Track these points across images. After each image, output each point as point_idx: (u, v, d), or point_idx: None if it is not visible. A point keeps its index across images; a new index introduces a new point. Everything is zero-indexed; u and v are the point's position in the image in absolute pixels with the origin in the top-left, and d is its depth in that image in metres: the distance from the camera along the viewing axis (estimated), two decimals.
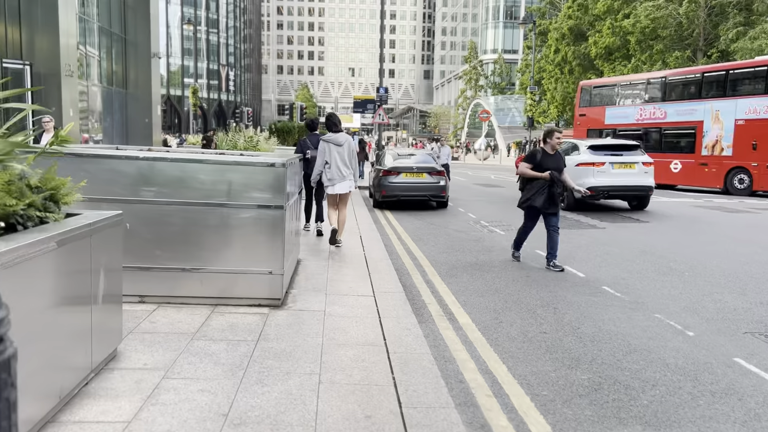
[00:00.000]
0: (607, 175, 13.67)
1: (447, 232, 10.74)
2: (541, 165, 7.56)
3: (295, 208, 6.60)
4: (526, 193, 7.72)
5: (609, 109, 24.86)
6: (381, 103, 22.32)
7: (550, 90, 47.80)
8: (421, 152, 16.36)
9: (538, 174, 7.53)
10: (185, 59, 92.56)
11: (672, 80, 23.25)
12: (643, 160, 14.12)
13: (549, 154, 7.69)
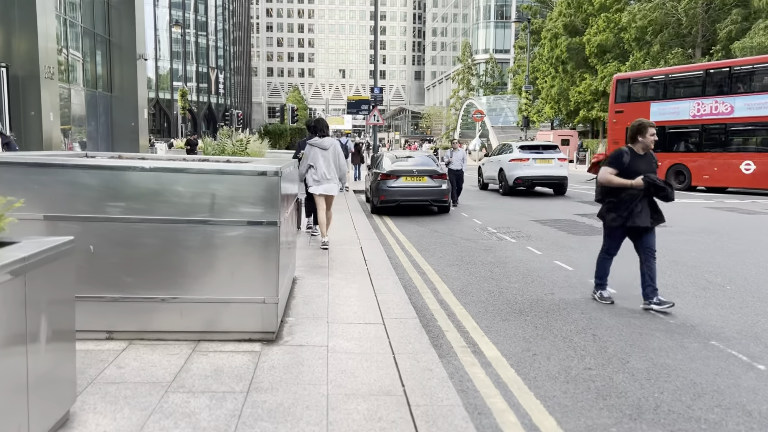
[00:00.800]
0: (531, 168, 17.79)
1: (453, 241, 9.95)
2: (631, 169, 5.74)
3: (291, 220, 5.79)
4: (617, 209, 5.83)
5: (655, 105, 21.92)
6: (376, 103, 21.52)
7: (544, 89, 47.22)
8: (420, 154, 15.55)
9: (627, 182, 5.72)
10: (174, 62, 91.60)
11: (741, 70, 20.18)
12: (558, 156, 18.43)
13: (639, 155, 5.85)
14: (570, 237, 10.23)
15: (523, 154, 17.99)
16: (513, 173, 17.65)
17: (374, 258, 7.83)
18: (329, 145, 8.53)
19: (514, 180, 17.69)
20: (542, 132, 48.05)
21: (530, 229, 11.12)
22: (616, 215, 5.85)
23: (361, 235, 9.76)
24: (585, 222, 12.08)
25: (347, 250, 8.35)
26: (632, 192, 5.74)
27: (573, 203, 15.83)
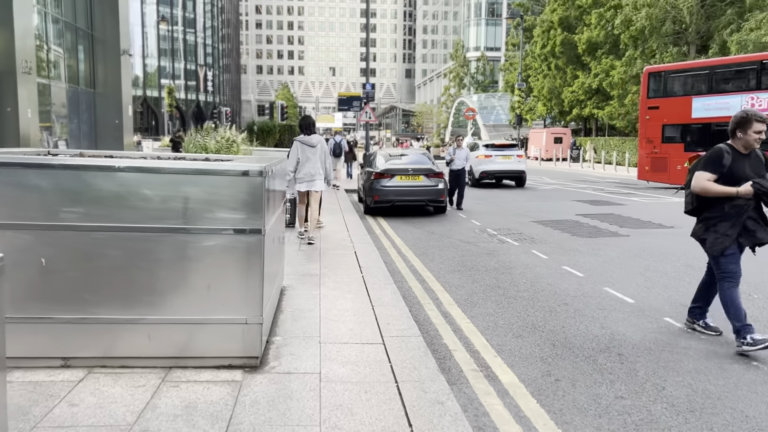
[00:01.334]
0: (494, 164, 20.17)
1: (453, 244, 9.38)
2: (733, 173, 4.54)
3: (279, 225, 5.20)
4: (721, 226, 4.59)
5: (699, 100, 19.77)
6: (367, 100, 20.92)
7: (537, 86, 46.78)
8: (414, 152, 14.95)
9: (731, 190, 4.50)
10: (162, 60, 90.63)
11: None
12: (517, 153, 20.97)
13: (742, 155, 4.63)
14: (575, 239, 9.70)
15: (488, 151, 20.58)
16: (479, 168, 19.99)
17: (370, 264, 7.24)
18: (316, 143, 8.76)
19: (480, 173, 20.00)
20: (535, 130, 47.63)
21: (532, 231, 10.58)
22: (720, 235, 4.58)
23: (354, 239, 9.17)
24: (588, 223, 11.55)
25: (340, 255, 7.76)
26: (739, 203, 4.51)
27: (572, 203, 15.32)
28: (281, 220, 5.67)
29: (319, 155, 8.73)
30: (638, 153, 22.64)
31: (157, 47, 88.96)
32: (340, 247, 8.33)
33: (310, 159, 8.64)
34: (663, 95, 21.24)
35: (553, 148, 42.47)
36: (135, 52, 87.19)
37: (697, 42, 33.30)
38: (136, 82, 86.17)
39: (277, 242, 5.10)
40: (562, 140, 43.78)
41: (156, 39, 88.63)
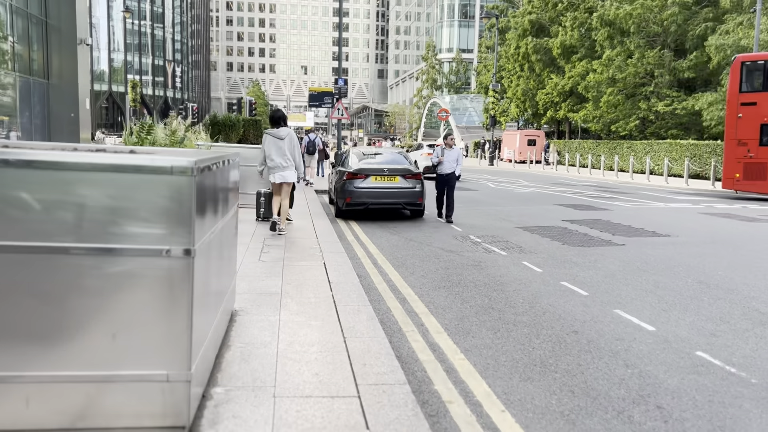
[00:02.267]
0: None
1: (434, 253, 8.38)
2: None
3: (226, 235, 4.14)
4: None
5: None
6: (340, 96, 19.83)
7: (510, 88, 46.23)
8: (390, 151, 13.90)
9: None
10: (129, 54, 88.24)
11: None
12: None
13: None
14: (567, 249, 8.79)
15: (429, 150, 23.51)
16: (421, 164, 19.45)
17: (341, 279, 6.20)
18: (285, 135, 8.93)
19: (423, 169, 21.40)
20: (508, 132, 47.08)
21: (519, 239, 9.65)
22: None
23: (324, 247, 8.11)
24: (577, 230, 10.68)
25: (307, 267, 6.69)
26: None
27: (555, 208, 14.49)
28: (232, 225, 4.60)
29: (288, 147, 8.91)
30: (725, 157, 19.42)
31: (124, 41, 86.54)
32: (308, 257, 7.26)
33: (279, 151, 8.88)
34: (762, 89, 18.08)
35: (526, 150, 41.94)
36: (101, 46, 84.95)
37: (671, 45, 33.04)
38: (102, 77, 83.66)
39: (224, 258, 4.03)
40: (536, 142, 43.29)
41: (123, 33, 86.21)
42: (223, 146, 12.24)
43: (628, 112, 33.67)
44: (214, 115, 12.79)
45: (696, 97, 29.56)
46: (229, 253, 4.58)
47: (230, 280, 4.64)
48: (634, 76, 32.46)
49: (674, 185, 23.51)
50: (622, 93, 33.51)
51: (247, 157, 12.39)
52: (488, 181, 25.00)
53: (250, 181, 12.33)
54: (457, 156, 11.98)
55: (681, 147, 28.23)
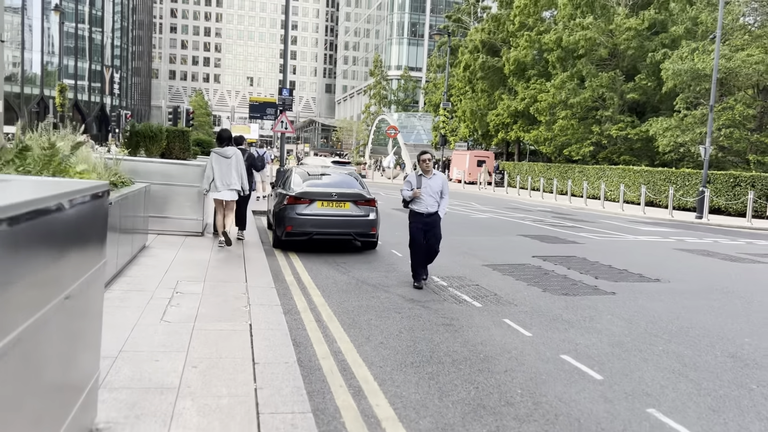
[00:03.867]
0: None
1: (393, 302, 6.73)
2: None
3: (75, 322, 2.39)
4: None
5: None
6: (284, 107, 18.05)
7: (460, 107, 45.40)
8: (338, 171, 12.17)
9: None
10: (65, 58, 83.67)
11: None
12: None
13: None
14: (551, 299, 7.31)
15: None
16: None
17: (271, 355, 4.46)
18: (231, 154, 9.26)
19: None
20: (458, 152, 46.19)
21: (491, 282, 8.13)
22: None
23: (254, 294, 6.34)
24: (554, 270, 9.26)
25: (227, 333, 4.92)
26: None
27: (521, 240, 13.13)
28: (93, 293, 2.86)
29: (234, 166, 9.27)
30: None
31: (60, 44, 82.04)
32: (229, 314, 5.49)
33: (225, 169, 9.21)
34: None
35: (476, 171, 41.05)
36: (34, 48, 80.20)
37: (624, 69, 32.80)
38: (33, 80, 78.83)
39: (65, 352, 2.26)
40: (485, 163, 42.52)
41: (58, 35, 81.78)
42: (139, 161, 10.30)
43: (581, 136, 33.16)
44: (132, 123, 10.81)
45: (650, 122, 29.20)
46: (83, 342, 2.83)
47: (85, 377, 2.86)
48: (587, 99, 32.00)
49: (630, 213, 22.76)
50: (575, 117, 32.99)
51: (171, 174, 10.49)
52: None
53: (173, 203, 10.42)
54: (441, 186, 7.73)
55: (635, 173, 27.72)
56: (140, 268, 7.30)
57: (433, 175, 7.78)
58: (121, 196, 6.83)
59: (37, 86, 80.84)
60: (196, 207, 10.56)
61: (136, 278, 6.76)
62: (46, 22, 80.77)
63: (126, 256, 7.28)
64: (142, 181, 9.45)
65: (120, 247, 6.80)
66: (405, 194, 7.84)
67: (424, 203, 7.71)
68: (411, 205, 7.84)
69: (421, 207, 7.73)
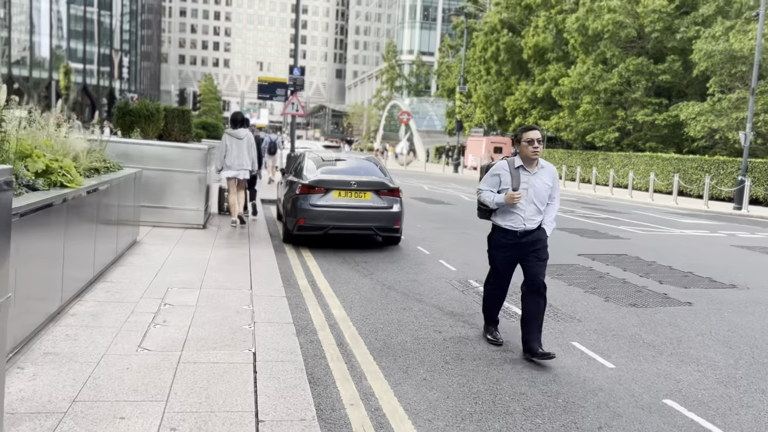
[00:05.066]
0: None
1: (432, 319, 5.50)
2: None
3: None
4: None
5: None
6: (295, 88, 16.77)
7: (476, 92, 43.79)
8: (355, 156, 10.89)
9: None
10: (72, 41, 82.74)
11: None
12: None
13: None
14: (618, 310, 6.05)
15: None
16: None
17: (282, 405, 3.25)
18: (243, 136, 9.52)
19: None
20: (473, 138, 44.74)
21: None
22: None
23: (260, 304, 5.13)
24: (609, 273, 7.98)
25: (222, 368, 3.70)
26: None
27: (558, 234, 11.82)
28: None
29: (246, 147, 9.54)
30: None
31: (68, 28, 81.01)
32: (227, 338, 4.27)
33: (237, 149, 9.46)
34: None
35: (494, 158, 39.60)
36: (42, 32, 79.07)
37: (651, 51, 31.18)
38: (42, 64, 77.74)
39: None
40: (502, 150, 41.06)
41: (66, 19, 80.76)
42: (131, 143, 9.08)
43: (605, 122, 31.62)
44: (124, 102, 9.59)
45: (679, 106, 27.63)
46: None
47: None
48: (613, 84, 30.43)
49: (661, 203, 21.35)
50: (599, 102, 31.44)
51: (168, 159, 9.28)
52: (458, 191, 22.36)
53: (171, 191, 9.23)
54: (551, 183, 4.81)
55: (663, 161, 26.24)
56: (125, 271, 6.10)
57: (539, 167, 4.70)
58: (100, 183, 5.61)
59: (46, 70, 79.95)
60: (197, 196, 9.35)
61: (118, 284, 5.56)
62: (55, 5, 79.83)
63: (108, 255, 6.08)
64: (134, 166, 8.26)
65: (99, 245, 5.60)
66: (488, 199, 4.74)
67: (522, 214, 4.64)
68: (496, 217, 4.81)
69: (516, 221, 4.66)
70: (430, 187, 23.98)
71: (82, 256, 5.10)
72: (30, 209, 3.75)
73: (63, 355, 3.74)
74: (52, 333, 4.13)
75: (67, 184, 4.79)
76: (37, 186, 4.39)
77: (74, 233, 4.82)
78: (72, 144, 5.70)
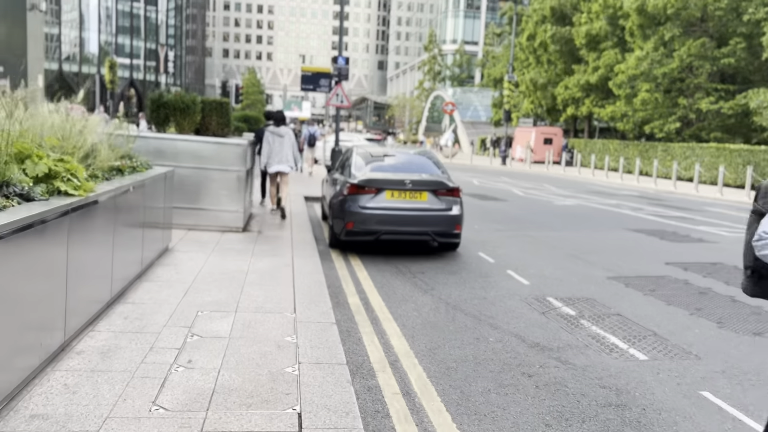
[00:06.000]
0: None
1: (515, 354, 4.48)
2: None
3: None
4: None
5: None
6: (340, 78, 15.85)
7: (524, 81, 42.08)
8: (406, 150, 9.86)
9: None
10: (120, 37, 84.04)
11: None
12: None
13: None
14: (741, 342, 4.93)
15: None
16: None
17: None
18: (284, 133, 9.99)
19: None
20: (522, 128, 43.11)
21: (634, 308, 5.77)
22: None
23: (305, 335, 4.21)
24: (712, 289, 6.79)
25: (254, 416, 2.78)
26: None
27: (632, 236, 10.62)
28: None
29: (287, 143, 9.91)
30: None
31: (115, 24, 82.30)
32: (266, 389, 3.36)
33: (278, 146, 9.85)
34: None
35: (543, 149, 37.98)
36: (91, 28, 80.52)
37: (714, 34, 29.13)
38: (91, 60, 79.08)
39: None
40: (553, 141, 39.39)
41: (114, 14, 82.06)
42: (165, 138, 8.30)
43: (665, 111, 29.75)
44: (158, 93, 8.82)
45: (749, 94, 25.64)
46: None
47: None
48: (674, 70, 28.55)
49: (731, 198, 19.66)
50: (658, 89, 29.58)
51: (204, 155, 8.47)
52: (510, 185, 21.12)
53: (207, 191, 8.44)
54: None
55: (732, 152, 24.37)
56: (151, 288, 5.27)
57: None
58: (119, 188, 4.77)
59: (95, 65, 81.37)
60: (236, 196, 8.52)
61: (140, 306, 4.72)
62: (104, 1, 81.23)
63: (132, 268, 5.27)
64: (167, 164, 7.47)
65: (118, 258, 4.77)
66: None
67: None
68: None
69: None
70: (480, 181, 22.79)
71: (94, 275, 4.27)
72: (14, 229, 2.90)
73: (54, 419, 2.88)
74: (48, 382, 3.28)
75: (72, 191, 3.95)
76: (33, 195, 3.56)
77: (83, 248, 3.98)
78: (87, 140, 4.87)
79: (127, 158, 6.02)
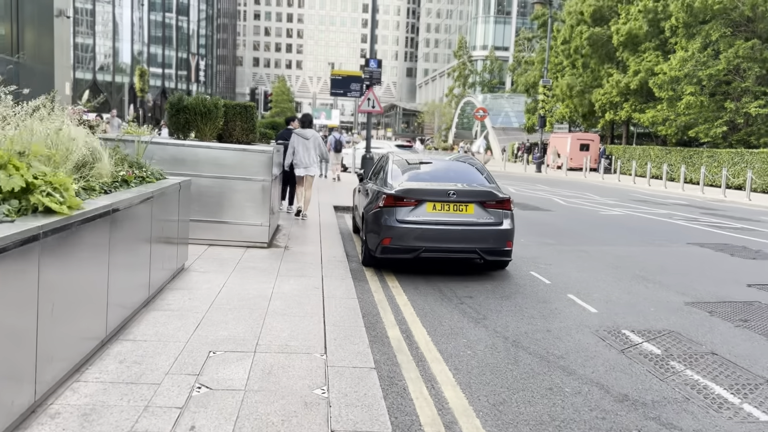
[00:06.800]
0: None
1: (603, 413, 3.57)
2: None
3: None
4: None
5: None
6: (372, 82, 15.08)
7: (559, 85, 40.81)
8: (441, 158, 8.95)
9: None
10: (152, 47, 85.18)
11: None
12: None
13: None
14: None
15: None
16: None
17: None
18: (311, 136, 10.08)
19: None
20: (557, 135, 41.84)
21: (728, 344, 4.81)
22: None
23: (338, 387, 3.38)
24: None
25: None
26: None
27: (698, 252, 9.56)
28: None
29: (313, 146, 10.06)
30: None
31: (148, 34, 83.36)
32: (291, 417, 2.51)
33: (304, 149, 9.98)
34: None
35: (579, 155, 36.66)
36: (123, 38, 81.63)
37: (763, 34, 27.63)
38: (125, 70, 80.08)
39: None
40: (589, 147, 38.03)
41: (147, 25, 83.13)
42: (184, 145, 7.58)
43: (710, 115, 28.31)
44: (178, 97, 8.12)
45: None
46: None
47: None
48: (720, 72, 27.15)
49: None
50: (703, 92, 28.18)
51: (226, 164, 7.73)
52: (549, 193, 20.07)
53: (229, 203, 7.70)
54: None
55: None
56: (158, 319, 4.49)
57: None
58: (114, 204, 3.99)
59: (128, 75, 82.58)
60: (261, 208, 7.74)
61: (141, 345, 3.94)
62: (136, 12, 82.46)
63: (135, 295, 4.50)
64: (186, 173, 6.75)
65: (116, 286, 3.99)
66: None
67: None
68: None
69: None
70: (516, 189, 21.76)
71: (81, 307, 3.49)
72: None
73: None
74: None
75: (55, 208, 3.19)
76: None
77: (63, 275, 3.20)
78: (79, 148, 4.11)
79: (136, 167, 5.29)
